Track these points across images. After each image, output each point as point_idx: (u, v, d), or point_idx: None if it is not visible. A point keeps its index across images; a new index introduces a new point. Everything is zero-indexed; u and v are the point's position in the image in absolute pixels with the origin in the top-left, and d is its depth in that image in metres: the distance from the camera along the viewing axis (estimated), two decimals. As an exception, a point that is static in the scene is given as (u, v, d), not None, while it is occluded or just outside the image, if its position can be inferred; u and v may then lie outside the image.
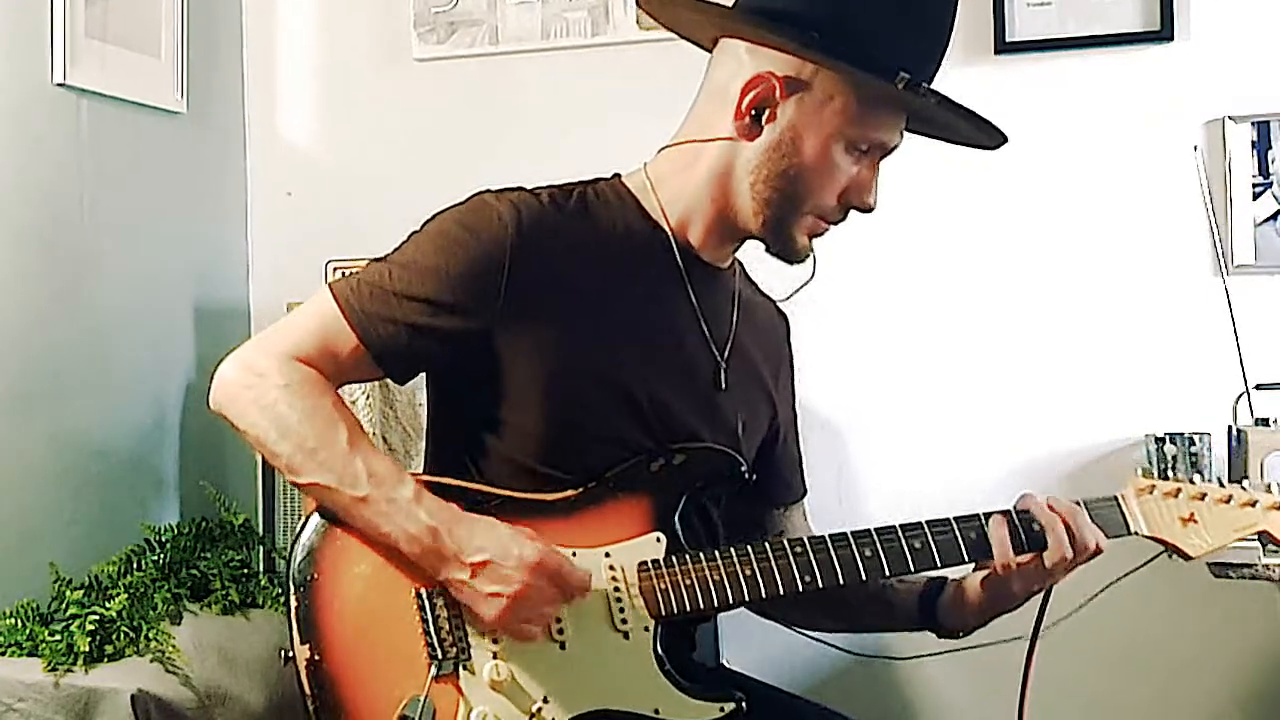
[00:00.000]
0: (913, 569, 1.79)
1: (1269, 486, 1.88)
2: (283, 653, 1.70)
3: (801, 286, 1.92)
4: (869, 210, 1.82)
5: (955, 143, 1.90)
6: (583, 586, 1.70)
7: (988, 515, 1.80)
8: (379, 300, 1.75)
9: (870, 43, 1.71)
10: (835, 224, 1.83)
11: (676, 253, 1.86)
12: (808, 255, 1.84)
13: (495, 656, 1.68)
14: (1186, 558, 1.86)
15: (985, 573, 1.83)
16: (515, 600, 1.65)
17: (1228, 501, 1.85)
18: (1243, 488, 1.86)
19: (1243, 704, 2.84)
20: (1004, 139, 1.84)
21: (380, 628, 1.69)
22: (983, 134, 1.83)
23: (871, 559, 1.77)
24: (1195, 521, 1.84)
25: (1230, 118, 2.80)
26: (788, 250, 1.83)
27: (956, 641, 1.93)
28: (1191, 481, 1.87)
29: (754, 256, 1.94)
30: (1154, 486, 1.86)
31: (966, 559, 1.80)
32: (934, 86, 1.77)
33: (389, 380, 1.86)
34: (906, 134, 1.83)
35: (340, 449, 1.69)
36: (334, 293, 1.77)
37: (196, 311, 3.16)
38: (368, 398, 2.85)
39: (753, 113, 1.77)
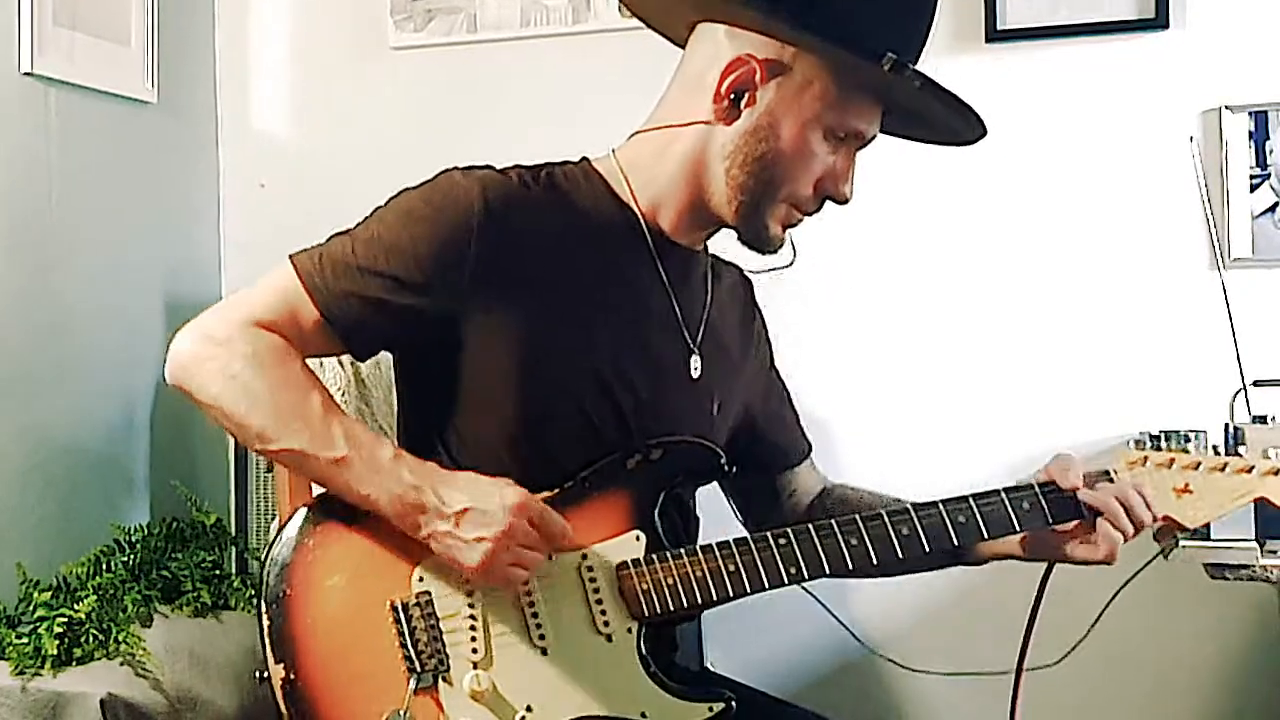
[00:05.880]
0: (900, 556, 1.76)
1: (1264, 452, 1.84)
2: (257, 673, 1.67)
3: (778, 268, 1.90)
4: (844, 201, 1.80)
5: (931, 141, 1.87)
6: (564, 533, 1.68)
7: (977, 496, 1.78)
8: (342, 274, 1.72)
9: (856, 23, 1.68)
10: (809, 214, 1.81)
11: (648, 235, 1.83)
12: (780, 245, 1.82)
13: (475, 667, 1.65)
14: (1183, 529, 1.83)
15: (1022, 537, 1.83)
16: (499, 542, 1.62)
17: (1223, 470, 1.81)
18: (1238, 453, 1.82)
19: (1240, 705, 2.84)
20: (984, 130, 1.80)
21: (356, 642, 1.66)
22: (964, 123, 1.79)
23: (857, 547, 1.75)
24: (1190, 492, 1.81)
25: (1227, 107, 2.79)
26: (761, 239, 1.80)
27: (946, 659, 1.89)
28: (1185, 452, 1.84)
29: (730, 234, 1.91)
30: (1146, 458, 1.82)
31: (955, 542, 1.78)
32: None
33: (357, 362, 1.81)
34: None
35: (315, 413, 1.67)
36: (295, 265, 1.74)
37: (167, 306, 3.13)
38: (342, 395, 2.80)
39: (731, 96, 1.74)
